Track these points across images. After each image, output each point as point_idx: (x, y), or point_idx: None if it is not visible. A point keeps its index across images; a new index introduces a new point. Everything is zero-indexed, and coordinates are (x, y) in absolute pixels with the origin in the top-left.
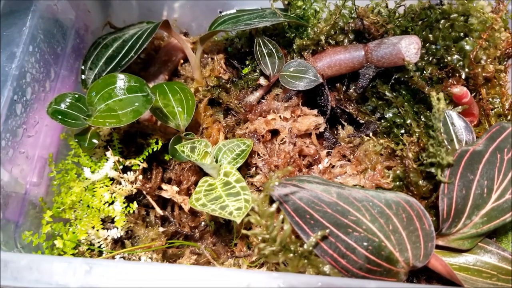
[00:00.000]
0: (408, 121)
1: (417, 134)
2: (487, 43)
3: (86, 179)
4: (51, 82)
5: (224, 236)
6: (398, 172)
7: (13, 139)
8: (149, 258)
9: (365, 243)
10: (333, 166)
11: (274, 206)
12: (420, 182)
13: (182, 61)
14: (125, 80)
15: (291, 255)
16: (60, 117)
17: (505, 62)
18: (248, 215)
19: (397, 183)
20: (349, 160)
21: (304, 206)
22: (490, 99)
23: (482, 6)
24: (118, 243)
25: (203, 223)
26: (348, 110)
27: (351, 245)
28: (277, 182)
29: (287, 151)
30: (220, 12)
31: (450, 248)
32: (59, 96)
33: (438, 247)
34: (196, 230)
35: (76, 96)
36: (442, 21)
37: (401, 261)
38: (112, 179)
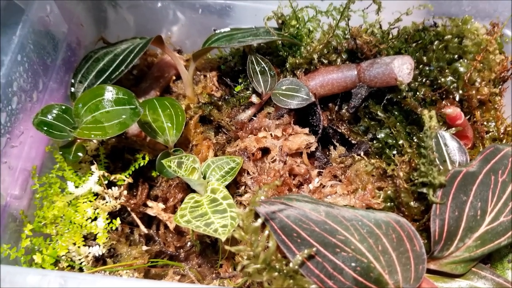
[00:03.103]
0: (400, 142)
1: (409, 155)
2: (481, 65)
3: (70, 193)
4: (39, 93)
5: (210, 257)
6: (389, 192)
7: None
8: (131, 277)
9: (353, 264)
10: (323, 186)
11: (259, 221)
12: (412, 203)
13: (174, 77)
14: (114, 92)
15: (276, 273)
16: (46, 128)
17: (500, 86)
18: (233, 230)
19: (388, 203)
20: (340, 181)
21: (291, 224)
22: (485, 123)
23: (477, 28)
24: (99, 261)
25: (189, 243)
26: (340, 130)
27: (339, 265)
28: (263, 197)
29: (277, 169)
30: (214, 30)
31: (442, 272)
32: (46, 107)
33: (430, 271)
34: (182, 250)
35: (63, 107)
36: (436, 43)
37: (391, 284)
38: (96, 194)
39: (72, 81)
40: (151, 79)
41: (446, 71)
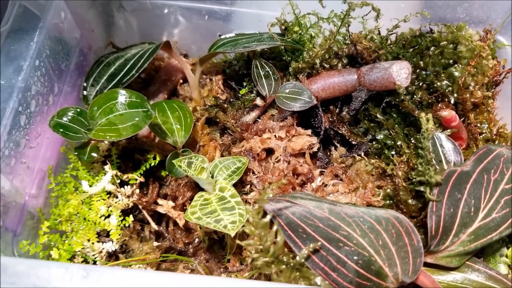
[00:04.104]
0: (399, 143)
1: (407, 155)
2: (475, 70)
3: (84, 192)
4: (54, 96)
5: (218, 252)
6: (388, 190)
7: (15, 149)
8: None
9: (355, 257)
10: (325, 185)
11: (268, 217)
12: (410, 200)
13: (181, 81)
14: (127, 96)
15: (284, 266)
16: (61, 130)
17: (492, 89)
18: (243, 226)
19: (388, 201)
20: (341, 180)
21: (297, 220)
22: (478, 124)
23: (471, 34)
24: (112, 257)
25: (197, 239)
26: (341, 132)
27: (342, 259)
28: (271, 194)
29: (281, 169)
30: (220, 36)
31: (438, 265)
32: (61, 109)
33: (427, 264)
34: (190, 246)
35: (78, 110)
36: (432, 48)
37: (391, 276)
38: (109, 193)
39: (85, 84)
40: (159, 82)
41: (442, 75)
